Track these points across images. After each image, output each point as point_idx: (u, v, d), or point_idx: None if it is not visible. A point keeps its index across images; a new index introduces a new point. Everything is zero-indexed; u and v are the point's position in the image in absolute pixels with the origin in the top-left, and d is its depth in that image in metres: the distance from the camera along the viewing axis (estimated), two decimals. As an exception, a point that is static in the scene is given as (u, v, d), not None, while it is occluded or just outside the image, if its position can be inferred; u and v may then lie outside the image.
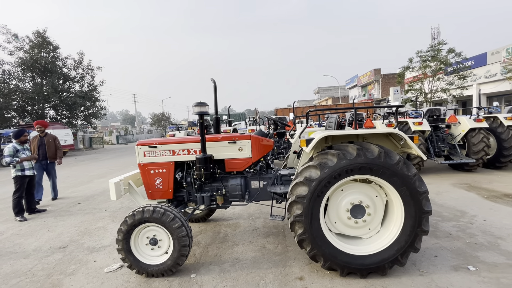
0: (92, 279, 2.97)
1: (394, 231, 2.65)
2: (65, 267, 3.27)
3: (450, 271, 2.74)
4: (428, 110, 7.63)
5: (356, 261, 2.63)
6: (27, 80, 23.69)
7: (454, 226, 3.83)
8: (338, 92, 43.38)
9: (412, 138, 2.68)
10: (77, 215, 5.34)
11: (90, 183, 8.59)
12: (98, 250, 3.71)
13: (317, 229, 2.61)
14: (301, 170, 2.70)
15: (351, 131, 2.74)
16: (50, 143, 6.33)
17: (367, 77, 37.59)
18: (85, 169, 12.15)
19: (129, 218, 2.84)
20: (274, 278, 2.78)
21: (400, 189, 2.57)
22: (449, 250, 3.16)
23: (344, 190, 2.78)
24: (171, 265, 2.85)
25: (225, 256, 3.31)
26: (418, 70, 19.07)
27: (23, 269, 3.29)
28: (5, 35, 22.15)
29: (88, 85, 26.44)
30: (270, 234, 3.91)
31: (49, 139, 6.37)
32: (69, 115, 25.41)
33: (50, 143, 6.33)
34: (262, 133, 3.50)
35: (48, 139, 6.36)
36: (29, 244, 4.06)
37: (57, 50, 24.26)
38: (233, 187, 3.34)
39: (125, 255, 2.86)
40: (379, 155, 2.53)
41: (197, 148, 3.28)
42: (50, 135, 6.49)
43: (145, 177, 3.38)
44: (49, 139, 6.37)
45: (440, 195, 5.37)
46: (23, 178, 5.20)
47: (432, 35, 31.77)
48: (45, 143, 6.28)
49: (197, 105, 2.99)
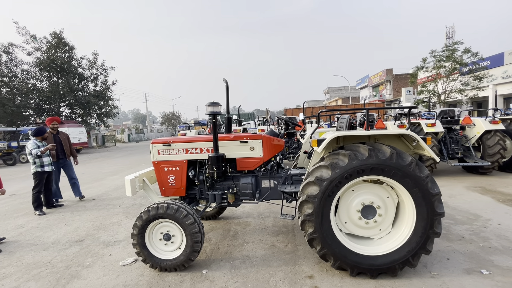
0: (108, 272, 3.09)
1: (405, 233, 2.65)
2: (82, 260, 3.41)
3: (462, 274, 2.72)
4: (442, 111, 7.48)
5: (366, 262, 2.64)
6: (44, 79, 24.53)
7: (468, 230, 3.77)
8: (349, 92, 42.87)
9: (425, 140, 2.67)
10: (92, 210, 5.52)
11: (104, 180, 8.83)
12: (113, 244, 3.84)
13: (327, 229, 2.64)
14: (312, 170, 2.73)
15: (362, 131, 2.75)
16: (65, 141, 6.20)
17: (379, 78, 37.01)
18: (99, 166, 12.49)
19: (144, 213, 2.94)
20: (284, 276, 2.83)
21: (412, 191, 2.56)
22: (461, 253, 3.12)
23: (355, 190, 2.80)
24: (183, 260, 2.93)
25: (236, 254, 3.38)
26: (432, 70, 18.64)
27: (43, 261, 3.45)
28: (24, 36, 22.99)
29: (102, 84, 27.14)
30: (280, 233, 3.95)
31: (64, 137, 6.23)
32: (83, 113, 26.15)
33: (65, 141, 6.20)
34: (273, 133, 3.54)
35: (63, 137, 6.21)
36: (48, 237, 4.24)
37: (73, 51, 25.00)
38: (244, 185, 3.40)
39: (140, 249, 2.96)
40: (391, 156, 2.53)
41: (209, 147, 3.36)
42: (63, 133, 6.34)
43: (159, 174, 3.49)
44: (64, 137, 6.23)
45: (453, 198, 5.27)
46: (42, 174, 5.42)
47: (447, 34, 31.01)
48: (61, 141, 6.12)
49: (210, 105, 3.07)
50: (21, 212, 5.61)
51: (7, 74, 22.28)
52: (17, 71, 23.03)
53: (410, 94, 20.33)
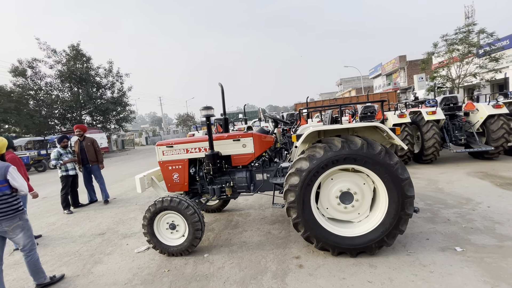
0: (125, 258, 3.60)
1: (380, 215, 2.92)
2: (104, 249, 3.96)
3: (436, 251, 2.96)
4: (444, 98, 7.46)
5: (345, 242, 2.95)
6: (65, 90, 26.19)
7: (455, 213, 3.94)
8: (361, 82, 41.96)
9: (394, 130, 2.91)
10: (113, 208, 6.15)
11: (123, 181, 9.56)
12: (129, 235, 4.37)
13: (308, 214, 2.97)
14: (294, 162, 3.06)
15: (337, 125, 3.03)
16: (88, 147, 6.51)
17: (392, 65, 35.95)
18: (119, 169, 13.37)
19: (151, 206, 3.40)
20: (274, 257, 3.19)
21: (383, 177, 2.83)
22: (442, 234, 3.34)
23: (334, 179, 3.09)
24: (187, 246, 3.38)
25: (235, 240, 3.78)
26: (444, 55, 18.03)
27: (72, 250, 4.03)
28: (45, 50, 24.61)
29: (118, 91, 28.50)
30: (276, 221, 4.31)
31: (88, 143, 6.54)
32: (103, 120, 27.65)
33: (88, 147, 6.51)
34: (263, 130, 3.89)
35: (87, 143, 6.52)
36: (75, 231, 4.86)
37: (90, 61, 26.44)
38: (240, 179, 3.79)
39: (150, 237, 3.43)
40: (362, 146, 2.81)
41: (206, 146, 3.76)
42: (89, 139, 6.63)
43: (164, 172, 3.94)
44: (88, 143, 6.54)
45: (450, 184, 5.38)
46: (67, 177, 6.11)
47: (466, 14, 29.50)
48: (84, 147, 6.48)
49: (204, 109, 3.46)
50: (53, 212, 6.34)
51: (33, 87, 24.02)
52: (41, 84, 24.76)
53: (423, 81, 19.76)
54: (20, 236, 2.89)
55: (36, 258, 3.00)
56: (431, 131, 6.77)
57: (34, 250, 2.98)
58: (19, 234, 2.88)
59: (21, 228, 2.89)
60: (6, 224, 2.79)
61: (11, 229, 2.82)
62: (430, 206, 4.31)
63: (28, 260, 2.95)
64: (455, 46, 17.20)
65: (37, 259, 3.02)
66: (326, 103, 21.61)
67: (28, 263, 2.96)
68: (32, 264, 2.96)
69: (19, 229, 2.87)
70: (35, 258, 2.98)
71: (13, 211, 2.83)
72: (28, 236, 2.95)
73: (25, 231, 2.92)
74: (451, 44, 17.29)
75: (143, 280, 3.00)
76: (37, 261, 3.01)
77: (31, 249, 2.96)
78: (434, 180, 5.77)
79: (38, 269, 3.01)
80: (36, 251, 3.02)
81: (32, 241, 2.98)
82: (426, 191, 5.08)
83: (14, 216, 2.83)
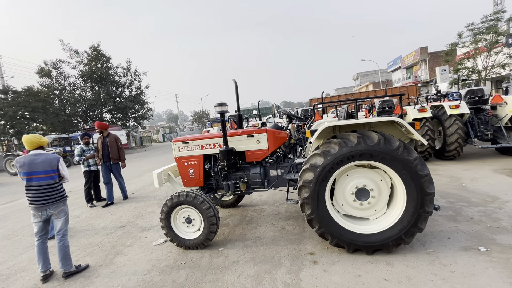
0: (144, 250, 3.74)
1: (398, 212, 2.84)
2: (125, 241, 4.13)
3: (458, 251, 2.84)
4: (469, 91, 7.07)
5: (361, 239, 2.90)
6: (87, 89, 27.26)
7: (480, 211, 3.76)
8: (379, 76, 40.58)
9: (413, 125, 2.80)
10: (132, 202, 6.38)
11: (142, 177, 9.89)
12: (148, 229, 4.53)
13: (323, 210, 2.94)
14: (308, 158, 3.03)
15: (353, 120, 2.97)
16: (112, 144, 6.36)
17: (412, 58, 34.49)
18: (138, 165, 13.82)
19: (168, 201, 3.50)
20: (288, 253, 3.20)
21: (401, 173, 2.75)
22: (464, 233, 3.20)
23: (350, 175, 3.04)
24: (203, 239, 3.45)
25: (249, 235, 3.82)
26: (469, 45, 17.05)
27: (95, 241, 4.24)
28: (68, 51, 25.72)
29: (136, 89, 29.32)
30: (290, 217, 4.31)
31: (111, 140, 6.39)
32: (122, 117, 28.60)
33: (112, 144, 6.36)
34: (277, 126, 3.87)
35: (111, 140, 6.38)
36: (98, 224, 5.10)
37: (109, 61, 27.34)
38: (254, 175, 3.81)
39: (167, 231, 3.54)
40: (379, 142, 2.74)
41: (221, 142, 3.81)
42: (113, 135, 6.47)
43: (180, 168, 4.04)
44: (111, 140, 6.39)
45: (475, 181, 5.12)
46: (90, 172, 6.41)
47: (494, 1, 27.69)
48: (108, 144, 6.33)
49: (218, 105, 3.50)
50: (77, 205, 6.68)
51: (58, 87, 25.22)
52: (65, 83, 25.94)
53: (446, 73, 18.82)
54: (61, 219, 3.24)
55: (67, 244, 3.28)
56: (454, 125, 6.46)
57: (66, 236, 3.29)
58: (61, 218, 3.24)
59: (64, 213, 3.28)
60: (53, 208, 3.18)
61: (56, 212, 3.20)
62: (452, 204, 4.13)
63: (61, 245, 3.22)
64: (481, 35, 16.21)
65: (68, 245, 3.29)
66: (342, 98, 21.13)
67: (59, 248, 3.22)
68: (63, 249, 3.22)
69: (62, 213, 3.26)
70: (66, 244, 3.26)
71: (60, 197, 3.24)
72: (66, 220, 3.30)
73: (66, 216, 3.31)
74: (477, 34, 16.32)
75: (161, 271, 3.11)
76: (67, 248, 3.28)
77: (65, 234, 3.27)
78: (457, 177, 5.51)
79: (67, 256, 3.25)
80: (67, 237, 3.31)
81: (67, 227, 3.31)
82: (448, 188, 4.87)
83: (60, 201, 3.24)
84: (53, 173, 3.18)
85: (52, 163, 3.18)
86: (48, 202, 3.14)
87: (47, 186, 3.15)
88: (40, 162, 3.12)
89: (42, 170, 3.12)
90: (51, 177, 3.17)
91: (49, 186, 3.16)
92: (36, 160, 3.13)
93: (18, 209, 7.05)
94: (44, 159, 3.15)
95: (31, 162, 3.11)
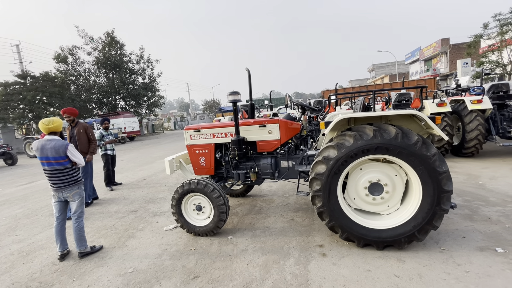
0: (155, 234, 3.83)
1: (412, 209, 2.77)
2: (137, 225, 4.24)
3: (474, 250, 2.75)
4: (493, 86, 6.71)
5: (372, 234, 2.85)
6: (102, 76, 27.69)
7: (498, 211, 3.62)
8: (395, 68, 39.20)
9: (433, 119, 2.68)
10: (144, 188, 6.53)
11: (153, 163, 10.07)
12: (159, 214, 4.63)
13: (334, 203, 2.90)
14: (321, 150, 2.97)
15: (369, 113, 2.87)
16: (80, 134, 5.27)
17: (432, 49, 33.02)
18: (149, 152, 14.07)
19: (179, 188, 3.54)
20: (297, 244, 3.20)
21: (418, 169, 2.65)
22: (481, 233, 3.09)
23: (363, 169, 2.96)
24: (212, 227, 3.49)
25: (258, 225, 3.84)
26: (495, 37, 16.11)
27: (109, 224, 4.38)
28: (83, 38, 26.04)
29: (149, 77, 29.55)
30: (300, 209, 4.29)
31: (79, 130, 5.27)
32: (135, 104, 29.01)
33: (80, 134, 5.27)
34: (290, 117, 3.80)
35: (79, 130, 5.26)
36: (111, 208, 5.26)
37: (123, 47, 27.54)
38: (264, 165, 3.79)
39: (178, 217, 3.60)
40: (396, 135, 2.64)
41: (232, 131, 3.78)
42: (82, 124, 5.33)
43: (191, 156, 4.06)
44: (79, 130, 5.27)
45: (494, 180, 4.92)
46: (106, 155, 6.61)
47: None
48: (76, 135, 5.24)
49: (231, 94, 3.45)
50: (92, 188, 6.89)
51: (73, 73, 25.73)
52: (81, 70, 26.42)
53: (468, 67, 17.94)
54: (76, 201, 3.34)
55: (82, 225, 3.40)
56: (475, 121, 6.18)
57: (82, 218, 3.41)
58: (76, 200, 3.34)
59: (79, 196, 3.37)
60: (67, 191, 3.28)
61: (71, 195, 3.30)
62: (468, 202, 4.00)
63: (76, 226, 3.35)
64: (509, 26, 15.25)
65: (83, 226, 3.41)
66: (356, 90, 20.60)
67: (75, 229, 3.35)
68: (78, 230, 3.35)
69: (77, 195, 3.35)
70: (81, 225, 3.39)
71: (73, 181, 3.31)
72: (81, 203, 3.40)
73: (81, 198, 3.40)
74: (505, 25, 15.35)
75: (171, 255, 3.18)
76: (82, 229, 3.40)
77: (80, 216, 3.38)
78: (475, 175, 5.32)
79: (82, 237, 3.38)
80: (83, 219, 3.43)
81: (82, 209, 3.42)
82: (465, 186, 4.71)
83: (74, 185, 3.32)
84: (62, 159, 3.18)
85: (59, 150, 3.17)
86: (63, 186, 3.24)
87: (59, 170, 3.20)
88: (49, 148, 3.16)
89: (51, 156, 3.15)
90: (60, 163, 3.18)
91: (61, 171, 3.21)
92: (47, 146, 3.17)
93: (37, 190, 7.36)
94: (53, 146, 3.16)
95: (42, 147, 3.16)
